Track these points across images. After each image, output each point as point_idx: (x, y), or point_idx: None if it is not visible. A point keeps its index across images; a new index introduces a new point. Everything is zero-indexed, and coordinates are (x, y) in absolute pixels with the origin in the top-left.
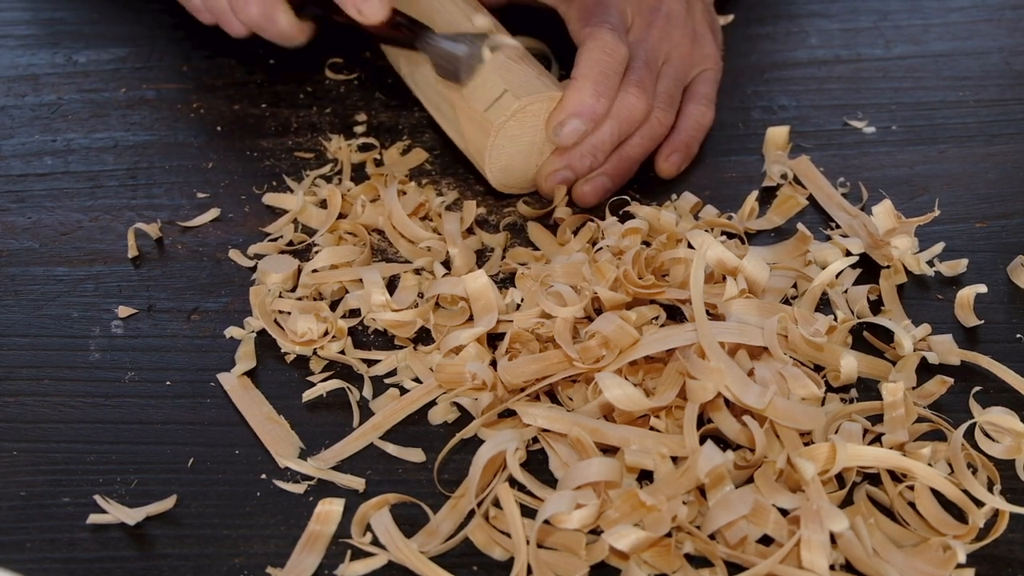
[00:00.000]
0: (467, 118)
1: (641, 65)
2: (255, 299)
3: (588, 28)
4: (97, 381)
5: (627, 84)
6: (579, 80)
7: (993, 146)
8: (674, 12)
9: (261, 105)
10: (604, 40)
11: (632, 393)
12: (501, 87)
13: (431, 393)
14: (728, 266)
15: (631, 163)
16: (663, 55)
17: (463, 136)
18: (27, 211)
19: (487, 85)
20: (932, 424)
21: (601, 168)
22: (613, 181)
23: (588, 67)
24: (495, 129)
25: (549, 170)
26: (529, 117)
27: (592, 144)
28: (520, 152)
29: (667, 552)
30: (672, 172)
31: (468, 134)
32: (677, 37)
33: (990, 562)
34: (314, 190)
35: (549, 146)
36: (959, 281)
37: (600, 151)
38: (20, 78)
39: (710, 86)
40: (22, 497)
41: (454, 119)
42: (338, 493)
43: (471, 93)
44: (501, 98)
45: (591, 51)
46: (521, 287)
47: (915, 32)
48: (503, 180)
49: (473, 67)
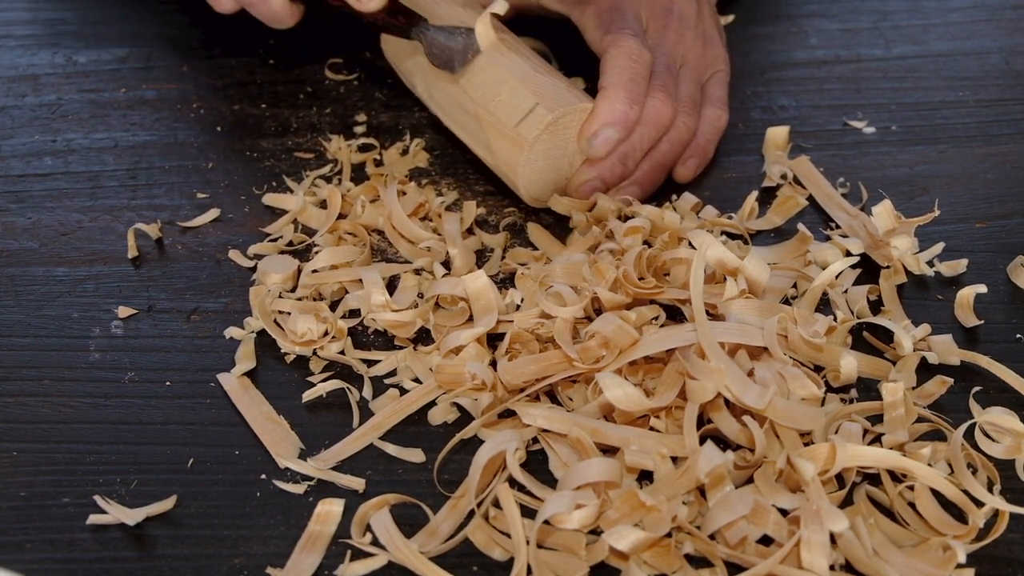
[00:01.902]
0: (497, 133)
1: (663, 70)
2: (255, 299)
3: (610, 35)
4: (97, 381)
5: (652, 90)
6: (609, 89)
7: (993, 146)
8: (686, 14)
9: (261, 105)
10: (628, 47)
11: (632, 393)
12: (532, 100)
13: (431, 393)
14: (729, 266)
15: (661, 170)
16: (680, 58)
17: (492, 152)
18: (27, 211)
19: (517, 99)
20: (932, 424)
21: (632, 177)
22: (643, 190)
23: (616, 75)
24: (528, 144)
25: (580, 180)
26: (561, 130)
27: (623, 152)
28: (552, 165)
29: (667, 552)
30: (690, 176)
31: (498, 149)
32: (690, 39)
33: (990, 562)
34: (314, 190)
35: (580, 157)
36: (959, 281)
37: (631, 159)
38: (20, 78)
39: (723, 88)
40: (22, 497)
41: (481, 135)
42: (338, 493)
43: (498, 108)
44: (533, 111)
45: (617, 58)
46: (521, 287)
47: (915, 32)
48: (535, 193)
49: (467, 57)
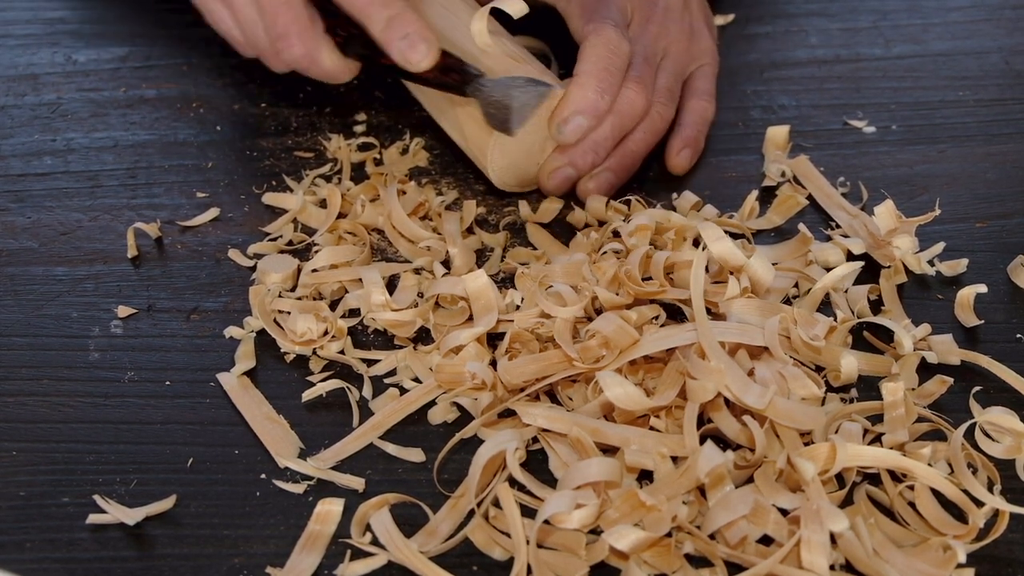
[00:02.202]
0: (468, 116)
1: (640, 61)
2: (255, 299)
3: (591, 24)
4: (97, 381)
5: (627, 80)
6: (582, 76)
7: (993, 145)
8: (672, 6)
9: (261, 105)
10: (608, 36)
11: (632, 392)
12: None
13: (431, 393)
14: (733, 263)
15: (634, 158)
16: (661, 50)
17: (464, 135)
18: (27, 211)
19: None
20: (932, 424)
21: (605, 164)
22: (617, 176)
23: (592, 63)
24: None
25: (551, 167)
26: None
27: (594, 140)
28: (522, 150)
29: (667, 552)
30: (684, 167)
31: (469, 132)
32: (675, 32)
33: (990, 562)
34: (314, 189)
35: (551, 144)
36: (959, 281)
37: (602, 147)
38: (20, 77)
39: (709, 81)
40: (22, 497)
41: (454, 117)
42: (338, 493)
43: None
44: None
45: (595, 47)
46: (521, 287)
47: (915, 32)
48: (505, 179)
49: (526, 117)
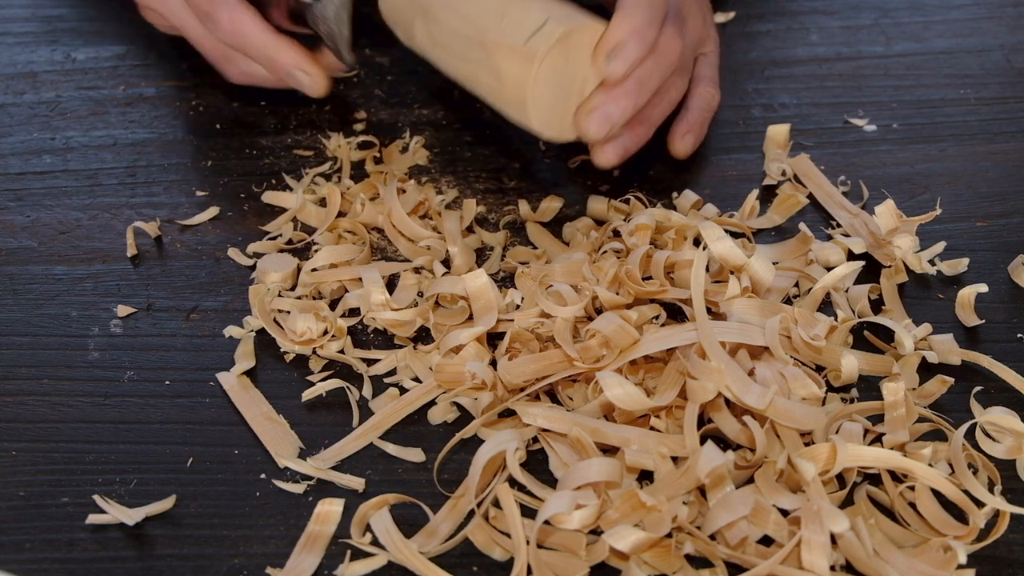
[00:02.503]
0: (504, 55)
1: (674, 13)
2: (254, 298)
3: None
4: (96, 380)
5: (666, 24)
6: (629, 6)
7: (994, 144)
8: None
9: (260, 103)
10: None
11: (633, 392)
12: (543, 16)
13: (431, 393)
14: (734, 262)
15: (649, 125)
16: (686, 12)
17: (499, 77)
18: (26, 209)
19: (527, 17)
20: (933, 424)
21: (629, 127)
22: (635, 144)
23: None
24: (538, 58)
25: (591, 106)
26: (572, 50)
27: (638, 79)
28: (562, 90)
29: (667, 552)
30: (688, 151)
31: (506, 72)
32: (694, 8)
33: (991, 563)
34: (313, 188)
35: (591, 84)
36: (960, 280)
37: (645, 88)
38: (18, 75)
39: (714, 69)
40: (21, 497)
41: (486, 62)
42: (338, 493)
43: (507, 27)
44: (544, 27)
45: None
46: (521, 286)
47: (916, 29)
48: (546, 119)
49: (343, 33)
